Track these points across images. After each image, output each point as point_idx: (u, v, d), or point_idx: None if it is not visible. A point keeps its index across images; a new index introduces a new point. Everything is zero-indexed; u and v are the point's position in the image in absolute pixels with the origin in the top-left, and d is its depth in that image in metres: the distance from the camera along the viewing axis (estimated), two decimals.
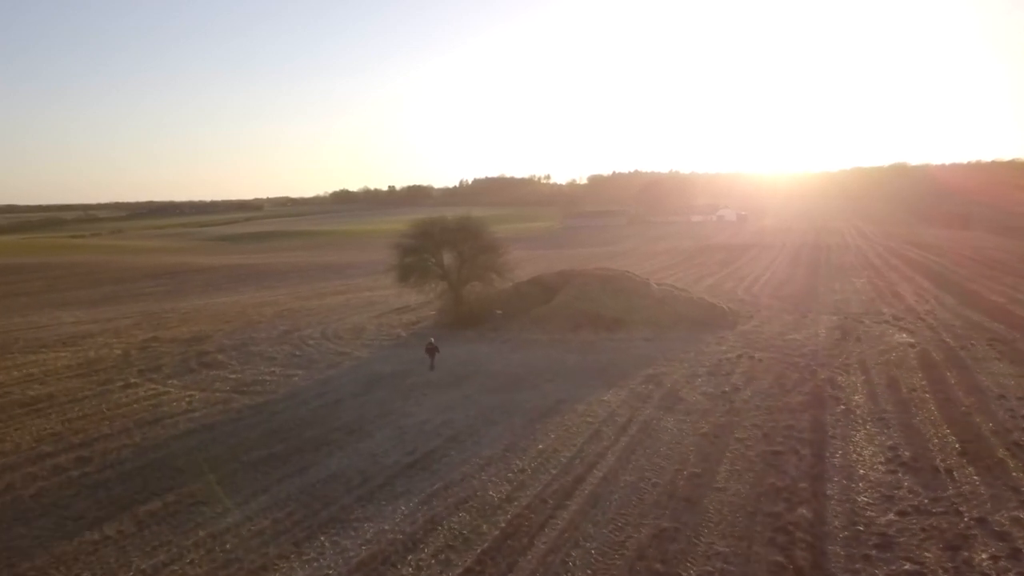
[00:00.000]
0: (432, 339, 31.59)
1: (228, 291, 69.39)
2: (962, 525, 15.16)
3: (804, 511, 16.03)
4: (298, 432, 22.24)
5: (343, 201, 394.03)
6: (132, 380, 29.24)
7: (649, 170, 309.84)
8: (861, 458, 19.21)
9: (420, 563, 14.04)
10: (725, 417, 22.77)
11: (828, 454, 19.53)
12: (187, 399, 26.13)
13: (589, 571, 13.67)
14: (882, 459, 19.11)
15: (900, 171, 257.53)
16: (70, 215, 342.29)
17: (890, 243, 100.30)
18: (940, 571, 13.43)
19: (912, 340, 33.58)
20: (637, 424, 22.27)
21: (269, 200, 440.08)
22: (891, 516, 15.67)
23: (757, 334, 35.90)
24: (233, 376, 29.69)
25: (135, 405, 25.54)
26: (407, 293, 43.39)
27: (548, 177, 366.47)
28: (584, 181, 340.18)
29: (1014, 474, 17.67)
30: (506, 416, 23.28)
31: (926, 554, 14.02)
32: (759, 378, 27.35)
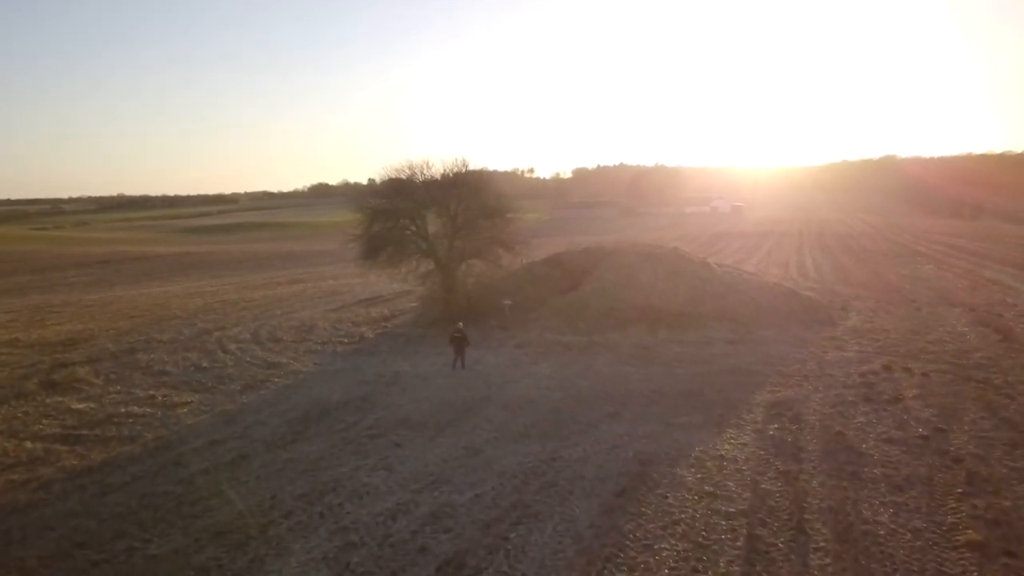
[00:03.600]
0: (461, 324, 21.33)
1: (164, 281, 57.24)
2: None
3: None
4: (132, 544, 10.79)
5: (322, 194, 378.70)
6: None
7: (634, 163, 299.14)
8: None
9: None
10: (979, 497, 11.73)
11: None
12: None
13: None
14: None
15: (889, 164, 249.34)
16: (35, 209, 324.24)
17: (911, 232, 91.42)
18: None
19: None
20: (817, 516, 11.14)
21: (247, 195, 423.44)
22: None
23: (880, 333, 24.98)
24: (81, 407, 18.06)
25: None
26: (379, 279, 31.94)
27: (532, 171, 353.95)
28: (568, 175, 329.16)
29: None
30: (554, 496, 12.02)
31: None
32: (956, 408, 16.39)
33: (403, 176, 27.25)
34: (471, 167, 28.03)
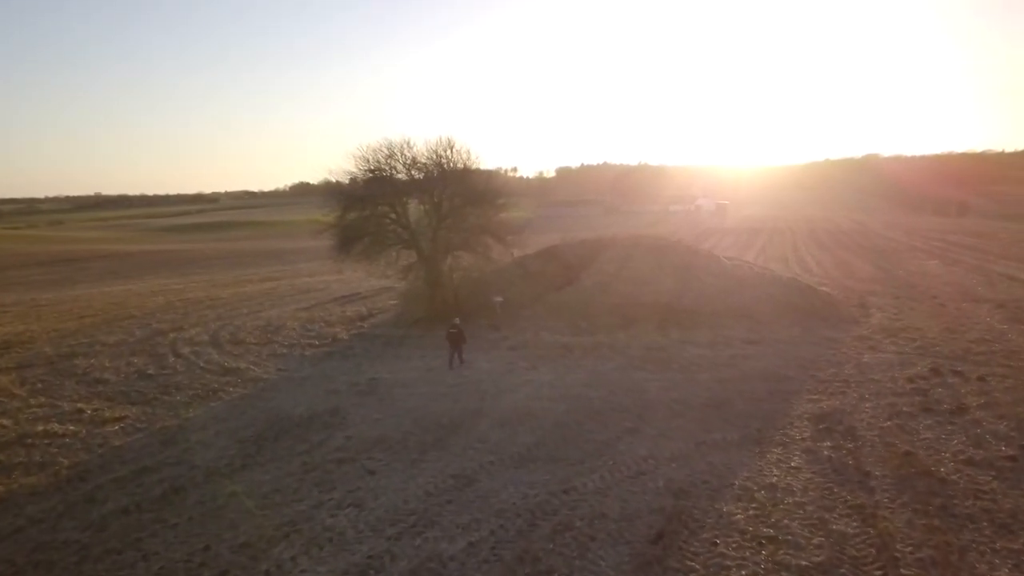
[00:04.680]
0: (457, 319, 19.07)
1: (129, 279, 53.79)
2: None
3: None
4: None
5: (303, 193, 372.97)
6: None
7: (618, 162, 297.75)
8: None
9: None
10: None
11: None
12: None
13: None
14: None
15: (871, 163, 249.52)
16: (10, 208, 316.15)
17: (902, 229, 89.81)
18: None
19: None
20: (918, 573, 8.52)
21: (227, 194, 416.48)
22: None
23: (913, 332, 22.53)
24: None
25: None
26: (356, 274, 29.00)
27: (515, 170, 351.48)
28: (552, 174, 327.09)
29: None
30: (571, 544, 9.30)
31: None
32: None
33: (381, 157, 24.13)
34: (457, 148, 25.03)
